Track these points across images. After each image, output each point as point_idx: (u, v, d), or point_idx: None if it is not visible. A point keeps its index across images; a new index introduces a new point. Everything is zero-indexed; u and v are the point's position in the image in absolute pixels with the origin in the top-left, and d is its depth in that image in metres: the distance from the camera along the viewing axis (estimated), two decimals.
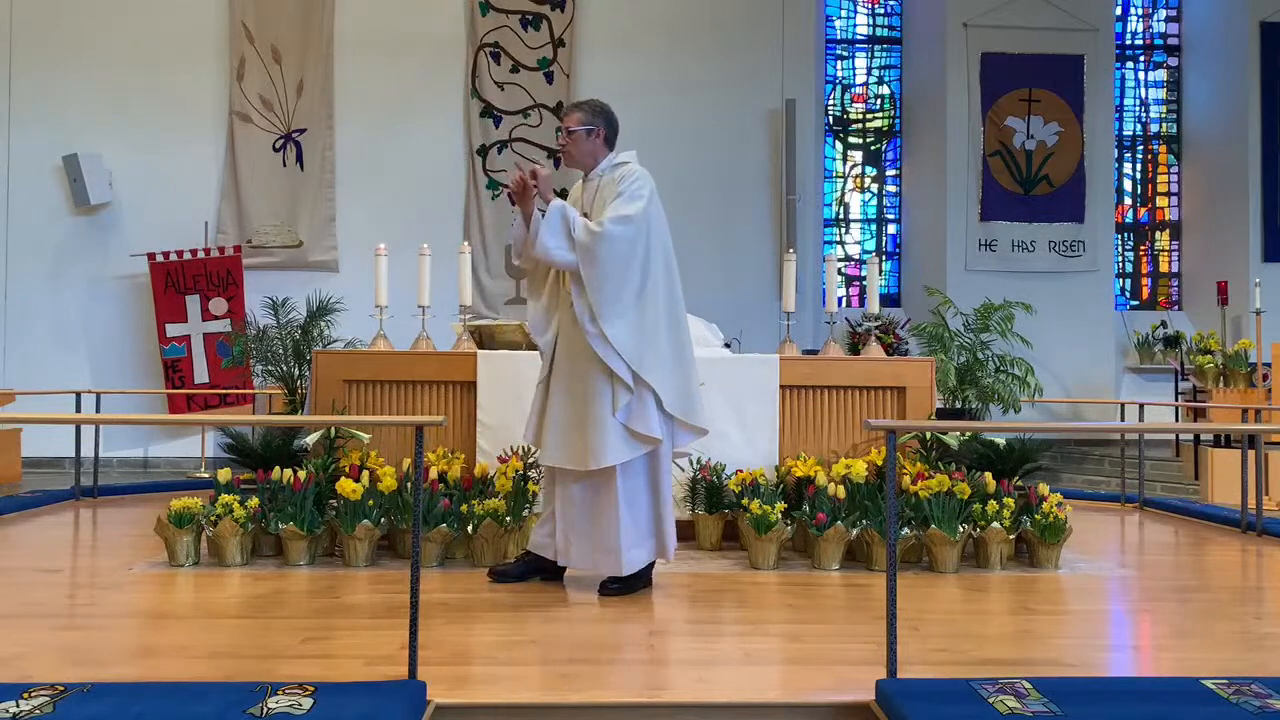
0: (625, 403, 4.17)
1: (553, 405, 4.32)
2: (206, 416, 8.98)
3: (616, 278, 4.17)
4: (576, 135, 4.39)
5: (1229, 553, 5.78)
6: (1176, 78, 12.17)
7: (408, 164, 10.42)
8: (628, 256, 4.19)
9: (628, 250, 4.19)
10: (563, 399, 4.30)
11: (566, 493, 4.35)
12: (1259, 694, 2.86)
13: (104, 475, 8.35)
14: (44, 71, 10.23)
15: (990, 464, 5.75)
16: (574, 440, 4.25)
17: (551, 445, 4.31)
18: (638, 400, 4.19)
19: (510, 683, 3.16)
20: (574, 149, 4.41)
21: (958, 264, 10.99)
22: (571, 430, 4.26)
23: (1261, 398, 8.90)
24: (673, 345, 4.30)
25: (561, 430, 4.28)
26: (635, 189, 4.25)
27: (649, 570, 4.47)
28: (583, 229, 4.18)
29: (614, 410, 4.16)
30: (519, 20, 10.62)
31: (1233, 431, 7.71)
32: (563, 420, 4.28)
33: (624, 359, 4.15)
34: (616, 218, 4.18)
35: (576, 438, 4.24)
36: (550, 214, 4.19)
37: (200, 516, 5.01)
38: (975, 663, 3.38)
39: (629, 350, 4.16)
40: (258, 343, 7.92)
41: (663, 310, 4.28)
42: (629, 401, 4.17)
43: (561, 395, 4.31)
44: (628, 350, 4.16)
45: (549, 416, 4.32)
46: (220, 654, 3.42)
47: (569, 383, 4.29)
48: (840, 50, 11.90)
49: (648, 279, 4.24)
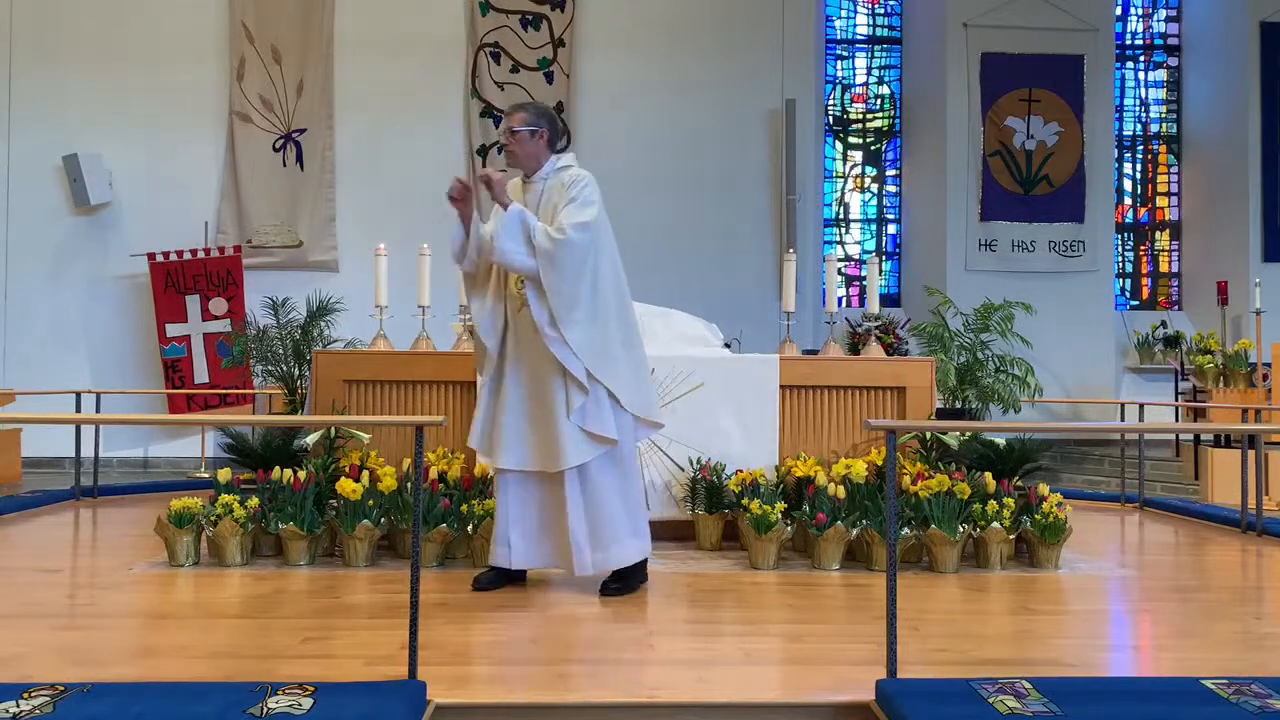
0: (580, 404, 4.21)
1: (508, 406, 4.32)
2: (206, 416, 8.98)
3: (574, 282, 4.21)
4: (520, 135, 4.39)
5: (1229, 553, 5.78)
6: (1176, 78, 12.17)
7: (408, 164, 10.42)
8: (583, 261, 4.23)
9: (583, 256, 4.23)
10: (519, 400, 4.31)
11: (524, 493, 4.36)
12: (1259, 694, 2.86)
13: (104, 475, 8.35)
14: (44, 71, 10.22)
15: (990, 464, 5.74)
16: (537, 441, 4.26)
17: (510, 447, 4.30)
18: (593, 401, 4.22)
19: (510, 683, 3.16)
20: (518, 149, 4.41)
21: (958, 264, 10.99)
22: (531, 431, 4.28)
23: (1261, 398, 8.90)
24: (625, 345, 4.35)
25: (519, 432, 4.30)
26: (586, 194, 4.29)
27: (643, 567, 4.48)
28: (543, 235, 4.20)
29: (569, 412, 4.19)
30: (519, 20, 10.62)
31: (1233, 431, 7.71)
32: (521, 422, 4.30)
33: (581, 361, 4.19)
34: (577, 224, 4.21)
35: (540, 439, 4.26)
36: (509, 219, 4.21)
37: (200, 516, 5.01)
38: (975, 663, 3.38)
39: (586, 353, 4.20)
40: (258, 343, 7.92)
41: (613, 310, 4.32)
42: (583, 404, 4.21)
43: (517, 396, 4.32)
44: (585, 353, 4.20)
45: (503, 418, 4.32)
46: (220, 654, 3.42)
47: (528, 383, 4.31)
48: (840, 50, 11.90)
49: (599, 281, 4.28)
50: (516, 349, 4.34)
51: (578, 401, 4.20)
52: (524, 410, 4.30)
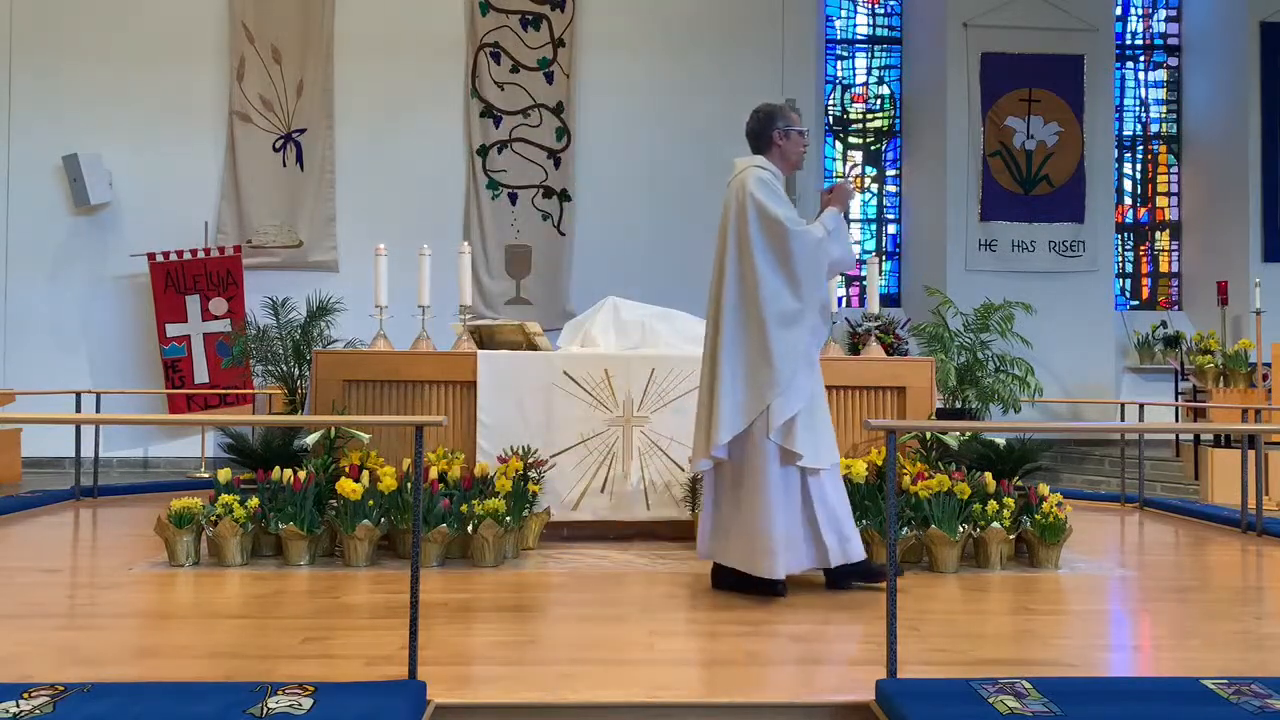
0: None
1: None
2: (206, 416, 8.98)
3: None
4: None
5: (1229, 553, 5.78)
6: (1176, 78, 12.17)
7: (408, 164, 10.42)
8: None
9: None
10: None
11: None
12: (1259, 694, 2.85)
13: (104, 475, 8.35)
14: (44, 71, 10.22)
15: (990, 464, 5.75)
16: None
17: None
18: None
19: (510, 683, 3.16)
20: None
21: (958, 264, 10.99)
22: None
23: (1261, 398, 8.90)
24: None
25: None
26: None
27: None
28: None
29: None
30: (519, 20, 10.62)
31: (1233, 431, 7.71)
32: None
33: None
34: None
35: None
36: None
37: (200, 516, 5.01)
38: (975, 663, 3.38)
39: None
40: (258, 343, 7.93)
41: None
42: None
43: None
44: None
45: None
46: (220, 654, 3.42)
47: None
48: (840, 50, 11.90)
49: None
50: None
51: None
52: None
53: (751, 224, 4.29)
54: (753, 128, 4.51)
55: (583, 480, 5.66)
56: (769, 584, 4.26)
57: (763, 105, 4.59)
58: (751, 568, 4.25)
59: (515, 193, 10.57)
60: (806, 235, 4.31)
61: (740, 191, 4.36)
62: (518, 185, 10.57)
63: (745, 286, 4.30)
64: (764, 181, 4.35)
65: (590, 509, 5.66)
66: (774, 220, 4.28)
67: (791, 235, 4.27)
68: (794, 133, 4.47)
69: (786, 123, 4.47)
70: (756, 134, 4.50)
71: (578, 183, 10.57)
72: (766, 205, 4.29)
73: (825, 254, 4.35)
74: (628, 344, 6.05)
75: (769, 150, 4.48)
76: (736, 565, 4.31)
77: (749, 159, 4.48)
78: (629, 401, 5.71)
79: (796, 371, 4.24)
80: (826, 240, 4.36)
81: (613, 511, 5.68)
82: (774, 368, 4.20)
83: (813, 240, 4.32)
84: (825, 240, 4.36)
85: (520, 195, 10.57)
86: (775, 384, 4.19)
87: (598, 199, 10.52)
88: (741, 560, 4.28)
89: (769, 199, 4.31)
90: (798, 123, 4.51)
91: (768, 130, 4.47)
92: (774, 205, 4.30)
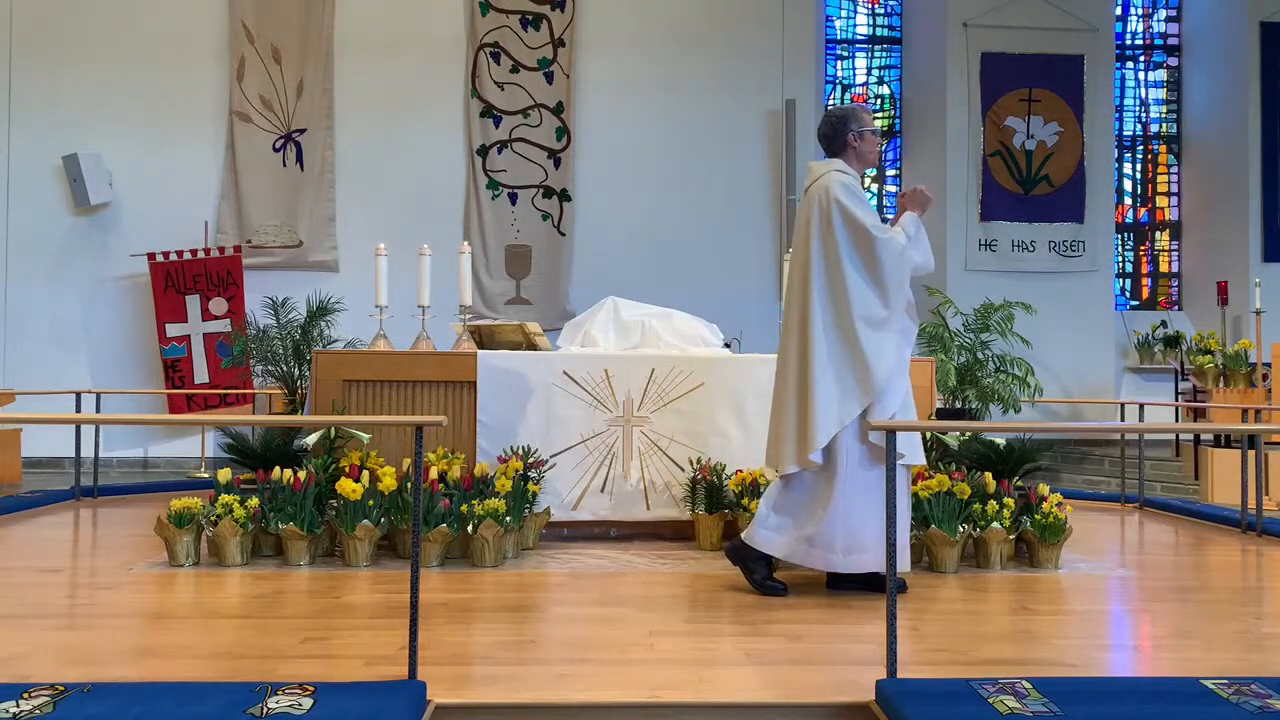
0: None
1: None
2: (206, 416, 8.97)
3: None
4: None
5: (1229, 553, 5.78)
6: (1176, 78, 12.16)
7: (408, 164, 10.42)
8: None
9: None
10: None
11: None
12: (1259, 694, 2.86)
13: (104, 475, 8.36)
14: (44, 71, 10.22)
15: (990, 464, 5.75)
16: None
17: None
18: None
19: (510, 683, 3.16)
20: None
21: (958, 264, 10.98)
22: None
23: (1261, 398, 8.90)
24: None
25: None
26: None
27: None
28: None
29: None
30: (519, 20, 10.61)
31: (1233, 431, 7.70)
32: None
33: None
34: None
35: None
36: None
37: (200, 516, 5.01)
38: (975, 663, 3.38)
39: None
40: (258, 343, 7.94)
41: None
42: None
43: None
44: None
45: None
46: (220, 654, 3.42)
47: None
48: (840, 50, 11.89)
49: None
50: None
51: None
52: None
53: (838, 229, 4.33)
54: (826, 131, 4.55)
55: (583, 480, 5.66)
56: (850, 579, 4.43)
57: (834, 108, 4.72)
58: (853, 566, 4.34)
59: (515, 193, 10.57)
60: (892, 243, 4.36)
61: (824, 197, 4.38)
62: (518, 185, 10.57)
63: (833, 291, 4.34)
64: (847, 186, 4.39)
65: (590, 509, 5.67)
66: (860, 227, 4.32)
67: (878, 244, 4.32)
68: (868, 133, 4.51)
69: (860, 124, 4.50)
70: (830, 137, 4.53)
71: (578, 183, 10.57)
72: (853, 211, 4.33)
73: (909, 260, 4.42)
74: (628, 344, 6.06)
75: (844, 152, 4.51)
76: (836, 569, 4.36)
77: (826, 163, 4.51)
78: (629, 401, 5.71)
79: (892, 372, 4.30)
80: (909, 247, 4.43)
81: (613, 511, 5.68)
82: (871, 370, 4.26)
83: (897, 248, 4.37)
84: (908, 247, 4.42)
85: (520, 195, 10.57)
86: (874, 386, 4.25)
87: (598, 199, 10.52)
88: (842, 561, 4.33)
89: (854, 204, 4.35)
90: (870, 123, 4.54)
91: (842, 133, 4.50)
92: (860, 211, 4.34)
